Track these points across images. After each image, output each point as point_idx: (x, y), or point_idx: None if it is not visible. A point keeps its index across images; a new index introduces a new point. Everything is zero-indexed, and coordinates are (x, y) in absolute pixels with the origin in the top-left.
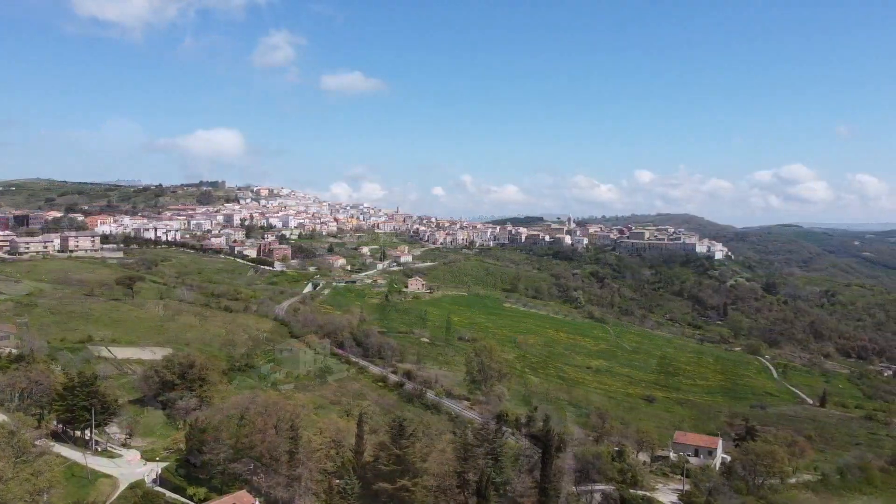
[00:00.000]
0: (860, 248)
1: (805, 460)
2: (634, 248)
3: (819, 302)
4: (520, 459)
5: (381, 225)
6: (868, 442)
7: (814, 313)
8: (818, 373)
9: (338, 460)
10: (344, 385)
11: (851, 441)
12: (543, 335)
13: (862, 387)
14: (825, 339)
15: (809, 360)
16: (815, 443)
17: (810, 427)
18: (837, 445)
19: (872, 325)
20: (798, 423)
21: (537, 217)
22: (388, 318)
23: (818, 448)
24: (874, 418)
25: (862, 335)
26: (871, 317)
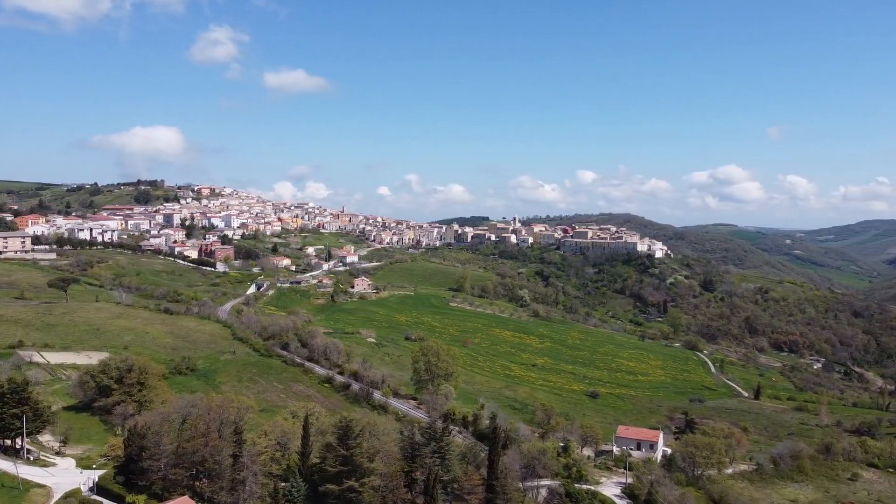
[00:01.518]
0: (791, 247)
1: (741, 451)
2: (578, 247)
3: (753, 298)
4: (467, 457)
5: (326, 225)
6: (799, 432)
7: (748, 309)
8: (753, 366)
9: (283, 463)
10: (289, 387)
11: (784, 431)
12: (489, 334)
13: (793, 379)
14: (759, 334)
15: (745, 355)
16: (750, 434)
17: (746, 419)
18: (771, 436)
19: (803, 320)
20: (734, 415)
21: (483, 217)
22: (334, 319)
23: (753, 439)
24: (805, 409)
25: (793, 330)
26: (801, 312)
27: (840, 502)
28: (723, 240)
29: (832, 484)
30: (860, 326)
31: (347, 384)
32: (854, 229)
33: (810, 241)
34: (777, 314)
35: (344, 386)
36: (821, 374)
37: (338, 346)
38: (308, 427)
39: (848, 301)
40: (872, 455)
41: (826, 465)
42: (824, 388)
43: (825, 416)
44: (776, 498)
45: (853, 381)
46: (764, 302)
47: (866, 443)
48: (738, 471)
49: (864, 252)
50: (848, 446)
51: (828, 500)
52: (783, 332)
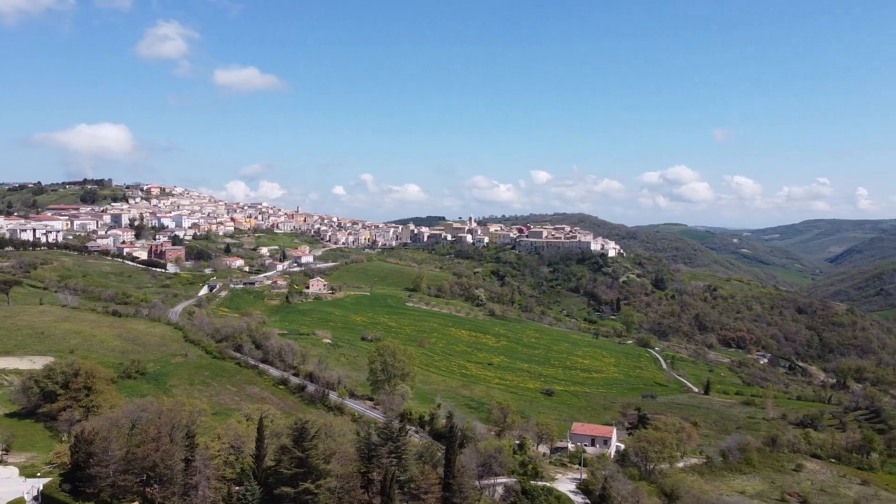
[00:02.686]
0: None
1: (692, 445)
2: (533, 247)
3: (703, 296)
4: (423, 456)
5: (280, 225)
6: (747, 425)
7: (698, 307)
8: (703, 362)
9: (238, 466)
10: (243, 389)
11: (732, 425)
12: (446, 333)
13: (741, 374)
14: (708, 331)
15: (695, 351)
16: (700, 428)
17: (696, 413)
18: (720, 430)
19: (750, 317)
20: (685, 410)
21: (439, 217)
22: (288, 320)
23: (703, 433)
24: (752, 403)
25: (741, 326)
26: (748, 309)
27: (785, 493)
28: (673, 239)
29: (778, 475)
30: (804, 322)
31: (303, 385)
32: (798, 228)
33: (756, 239)
34: (725, 311)
35: (299, 387)
36: (767, 369)
37: (293, 348)
38: (262, 429)
39: (792, 298)
40: (815, 446)
41: (772, 457)
42: (770, 383)
43: (771, 409)
44: (725, 490)
45: (797, 375)
46: (713, 299)
47: (810, 434)
48: (688, 464)
49: (807, 250)
50: (792, 438)
51: (774, 491)
52: (731, 328)
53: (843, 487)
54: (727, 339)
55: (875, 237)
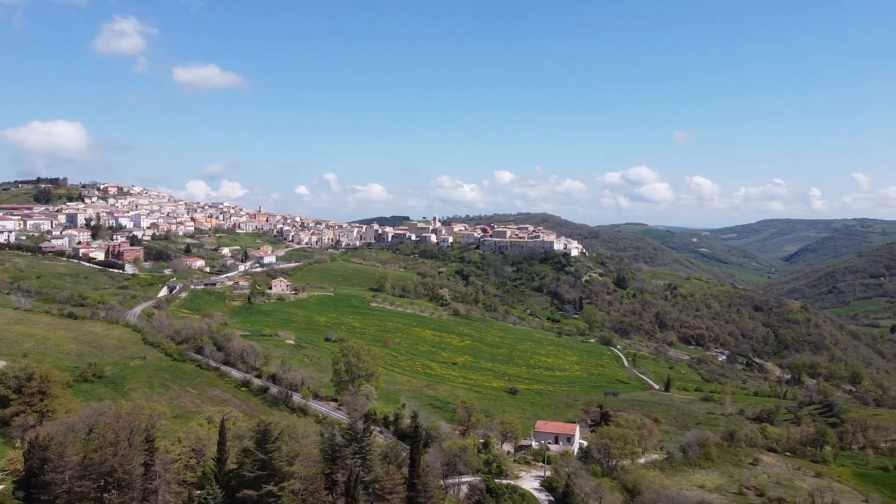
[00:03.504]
0: (697, 245)
1: (653, 441)
2: (497, 247)
3: (663, 295)
4: (388, 457)
5: (242, 225)
6: (706, 421)
7: (659, 305)
8: (663, 360)
9: (199, 470)
10: (204, 392)
11: (692, 421)
12: (410, 333)
13: (700, 371)
14: (669, 329)
15: (656, 349)
16: (661, 424)
17: (657, 410)
18: (680, 425)
19: (709, 314)
20: (647, 407)
21: (403, 216)
22: (251, 321)
23: (664, 429)
24: (711, 399)
25: (700, 324)
26: (707, 307)
27: (743, 486)
28: (634, 238)
29: (736, 469)
30: (760, 320)
31: (266, 387)
32: (754, 228)
33: (715, 239)
34: (685, 309)
35: (262, 389)
36: (725, 366)
37: (255, 349)
38: (224, 432)
39: (749, 296)
40: (772, 440)
41: (730, 452)
42: (728, 379)
43: (729, 405)
44: (685, 484)
45: (754, 371)
46: (673, 298)
47: (766, 429)
48: (650, 460)
49: (764, 249)
50: (750, 433)
51: (732, 485)
52: (691, 326)
53: (797, 480)
54: (687, 337)
55: (828, 236)
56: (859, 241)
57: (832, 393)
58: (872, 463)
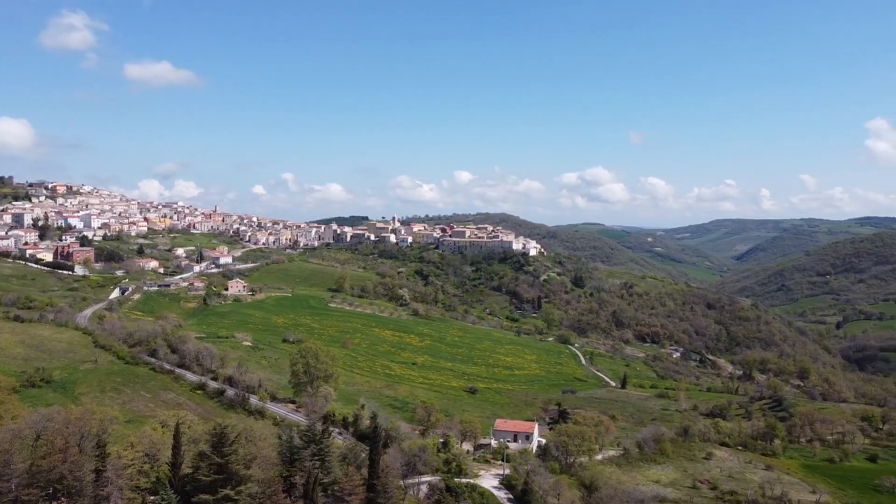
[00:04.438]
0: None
1: (610, 437)
2: (456, 246)
3: (619, 293)
4: (347, 458)
5: (197, 225)
6: (661, 417)
7: (615, 304)
8: (620, 357)
9: (153, 475)
10: (158, 395)
11: (648, 417)
12: (369, 334)
13: (655, 368)
14: (625, 327)
15: (612, 347)
16: (617, 421)
17: (614, 407)
18: (636, 422)
19: (664, 312)
20: (604, 404)
21: (362, 216)
22: (206, 323)
23: (620, 425)
24: (666, 396)
25: (655, 322)
26: (662, 305)
27: (696, 480)
28: (592, 238)
29: (690, 463)
30: (713, 317)
31: (222, 390)
32: (707, 228)
33: (669, 238)
34: (641, 308)
35: (218, 392)
36: (679, 363)
37: (211, 351)
38: (179, 436)
39: (702, 294)
40: (724, 435)
41: (684, 447)
42: (682, 376)
43: (684, 401)
44: (641, 479)
45: (707, 367)
46: (629, 296)
47: (718, 424)
48: (607, 456)
49: (716, 249)
50: (703, 428)
51: (686, 479)
52: (646, 324)
53: (749, 473)
54: (642, 335)
55: (777, 236)
56: (806, 240)
57: (781, 388)
58: (819, 455)
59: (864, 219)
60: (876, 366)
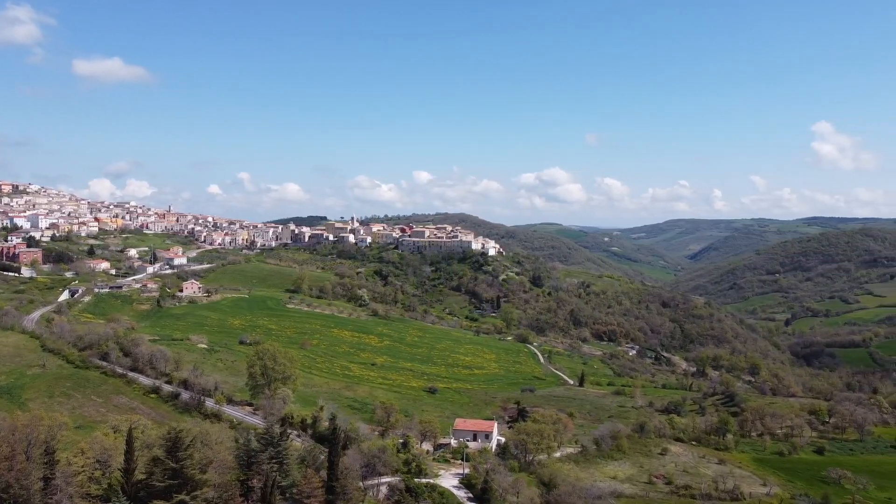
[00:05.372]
0: (609, 244)
1: (568, 435)
2: (416, 246)
3: (577, 292)
4: (306, 460)
5: (150, 225)
6: (618, 414)
7: (573, 303)
8: (577, 356)
9: (104, 482)
10: (110, 400)
11: (605, 414)
12: (328, 335)
13: (612, 366)
14: (583, 326)
15: (570, 345)
16: (575, 418)
17: (572, 405)
18: (594, 419)
19: (620, 311)
20: (562, 402)
21: (321, 216)
22: (160, 325)
23: (578, 423)
24: (622, 393)
25: (612, 320)
26: (618, 304)
27: (652, 475)
28: (550, 238)
29: (646, 459)
30: (667, 315)
31: (176, 393)
32: (661, 227)
33: (625, 238)
34: (598, 306)
35: (173, 395)
36: (635, 360)
37: (165, 354)
38: (132, 441)
39: (657, 293)
40: (679, 430)
41: (640, 443)
42: (638, 373)
43: (639, 398)
44: (598, 476)
45: (662, 365)
46: (586, 295)
47: (673, 420)
48: (565, 453)
49: (670, 248)
50: (659, 424)
51: (642, 475)
52: (603, 322)
53: (702, 467)
54: (599, 333)
55: (729, 235)
56: (757, 239)
57: (733, 384)
58: (769, 448)
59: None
60: (822, 361)
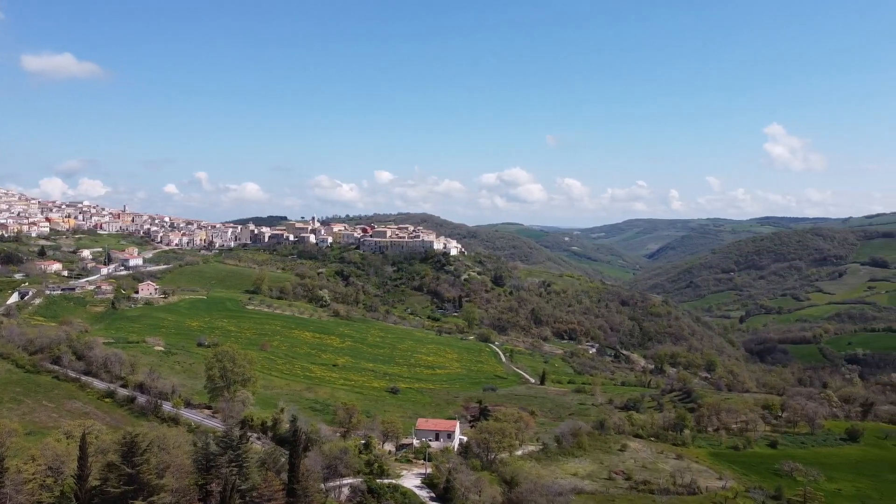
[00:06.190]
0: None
1: (529, 433)
2: (378, 246)
3: (538, 292)
4: (266, 463)
5: (105, 225)
6: (578, 411)
7: (534, 302)
8: (538, 354)
9: (57, 489)
10: (62, 405)
11: (566, 412)
12: (289, 336)
13: (573, 364)
14: (544, 325)
15: (531, 344)
16: (537, 416)
17: (533, 403)
18: (555, 417)
19: (580, 309)
20: (523, 400)
21: (281, 216)
22: (115, 328)
23: (540, 421)
24: (583, 391)
25: (572, 319)
26: (579, 303)
27: (612, 472)
28: (511, 238)
29: (606, 456)
30: (626, 314)
31: (132, 397)
32: (620, 227)
33: (585, 238)
34: (558, 305)
35: (128, 399)
36: (595, 358)
37: (120, 357)
38: (86, 446)
39: (616, 291)
40: (637, 427)
41: (600, 440)
42: (598, 371)
43: (599, 395)
44: (560, 473)
45: (622, 362)
46: (547, 294)
47: (632, 416)
48: (527, 451)
49: (629, 247)
50: (618, 421)
51: (602, 471)
52: (564, 321)
53: (660, 463)
54: (560, 332)
55: (686, 235)
56: (712, 239)
57: (690, 380)
58: (725, 443)
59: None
60: (775, 357)
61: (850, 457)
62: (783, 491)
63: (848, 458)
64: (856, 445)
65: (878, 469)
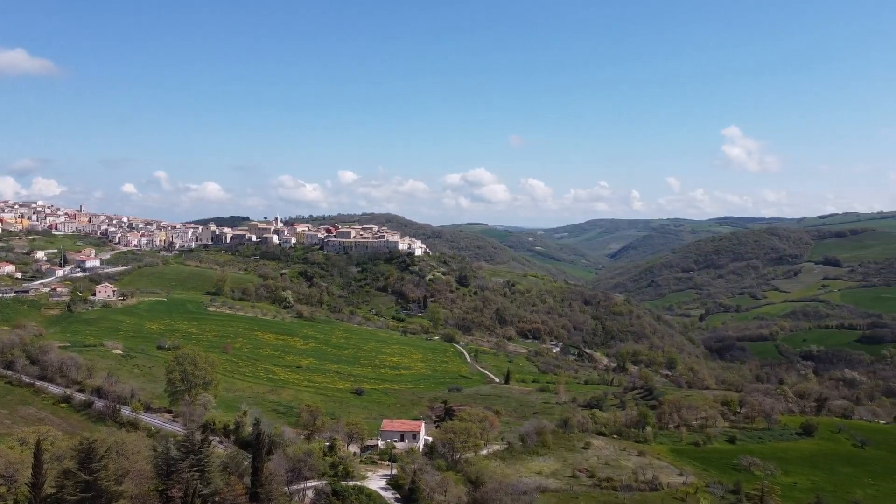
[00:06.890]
0: (533, 244)
1: (494, 432)
2: (342, 247)
3: (502, 291)
4: (229, 467)
5: (60, 226)
6: (543, 410)
7: (498, 301)
8: (503, 354)
9: (10, 498)
10: (16, 411)
11: (530, 411)
12: (251, 338)
13: (537, 363)
14: (508, 324)
15: (496, 344)
16: (501, 416)
17: (498, 402)
18: (520, 416)
19: (544, 309)
20: (488, 400)
21: (243, 216)
22: (71, 331)
23: (504, 420)
24: (547, 389)
25: (536, 319)
26: (542, 302)
27: (575, 469)
28: (475, 238)
29: (570, 454)
30: (589, 313)
31: (89, 402)
32: (583, 227)
33: (549, 238)
34: (522, 305)
35: (85, 404)
36: (559, 357)
37: (77, 361)
38: (41, 453)
39: (579, 291)
40: (600, 425)
41: (564, 438)
42: (562, 370)
43: (563, 394)
44: (524, 472)
45: (585, 361)
46: (511, 294)
47: (596, 414)
48: (492, 451)
49: (592, 247)
50: (581, 419)
51: (566, 469)
52: (528, 320)
53: (623, 460)
54: (524, 331)
55: (647, 235)
56: (673, 239)
57: (652, 378)
58: (686, 439)
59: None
60: (734, 354)
61: (806, 451)
62: (742, 485)
63: (803, 452)
64: (811, 440)
65: (832, 462)
